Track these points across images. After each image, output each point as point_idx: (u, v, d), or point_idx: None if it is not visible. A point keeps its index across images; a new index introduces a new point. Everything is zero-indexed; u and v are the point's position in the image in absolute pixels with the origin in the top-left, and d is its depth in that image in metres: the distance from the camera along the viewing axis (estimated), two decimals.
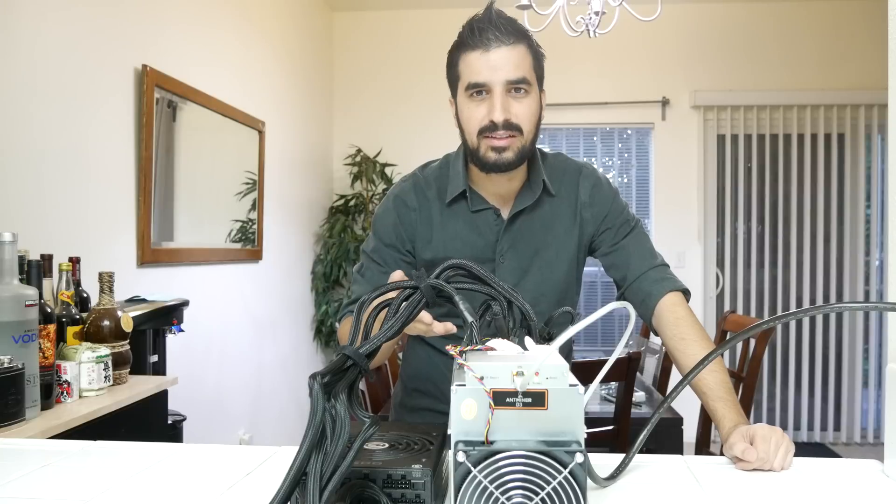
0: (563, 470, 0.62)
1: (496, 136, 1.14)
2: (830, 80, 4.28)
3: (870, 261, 4.36)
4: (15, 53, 1.83)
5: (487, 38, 1.13)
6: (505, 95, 1.13)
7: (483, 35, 1.13)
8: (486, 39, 1.13)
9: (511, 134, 1.14)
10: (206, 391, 2.83)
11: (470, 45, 1.14)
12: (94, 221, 2.15)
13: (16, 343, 1.28)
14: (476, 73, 1.13)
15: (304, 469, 0.59)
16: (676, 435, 2.25)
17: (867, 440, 4.33)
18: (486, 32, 1.13)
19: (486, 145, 1.15)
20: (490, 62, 1.12)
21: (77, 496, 0.80)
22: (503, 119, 1.13)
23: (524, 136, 1.16)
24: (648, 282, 1.24)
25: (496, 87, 1.13)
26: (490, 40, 1.12)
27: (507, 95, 1.14)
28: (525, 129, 1.15)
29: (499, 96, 1.13)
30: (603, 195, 1.29)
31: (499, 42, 1.12)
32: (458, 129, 1.22)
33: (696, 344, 1.13)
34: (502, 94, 1.13)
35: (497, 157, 1.15)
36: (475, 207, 1.25)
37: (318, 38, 4.29)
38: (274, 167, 3.51)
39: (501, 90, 1.13)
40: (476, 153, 1.17)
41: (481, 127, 1.15)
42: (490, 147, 1.15)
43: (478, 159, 1.18)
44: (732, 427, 0.97)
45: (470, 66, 1.14)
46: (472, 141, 1.17)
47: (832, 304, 0.94)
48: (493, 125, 1.13)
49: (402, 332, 0.76)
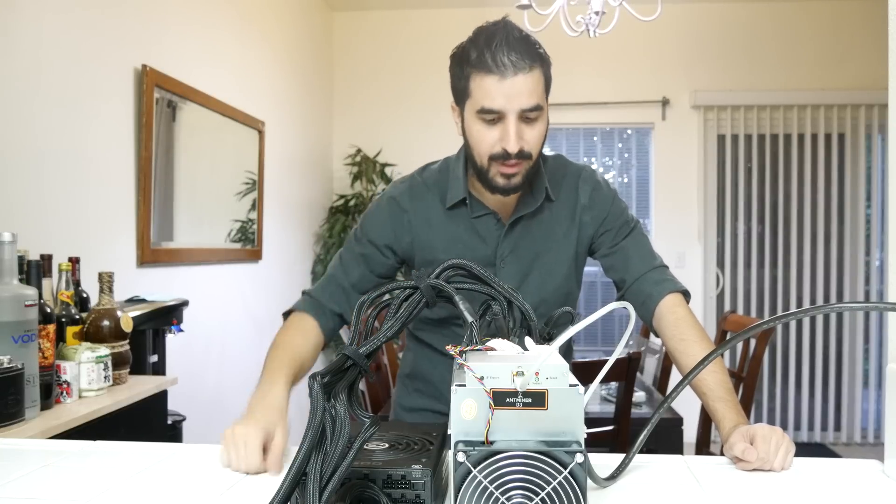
0: (564, 470, 0.62)
1: (508, 163, 1.13)
2: (830, 80, 4.28)
3: (870, 261, 4.36)
4: (15, 54, 1.83)
5: (504, 64, 1.09)
6: (518, 123, 1.12)
7: (498, 58, 1.09)
8: (503, 65, 1.09)
9: (521, 161, 1.14)
10: (205, 391, 2.83)
11: (484, 67, 1.10)
12: (94, 221, 2.15)
13: (15, 343, 1.28)
14: (491, 99, 1.10)
15: (304, 469, 0.59)
16: (676, 435, 2.25)
17: (867, 440, 4.33)
18: (502, 57, 1.09)
19: (496, 170, 1.15)
20: (505, 90, 1.09)
21: (77, 496, 0.80)
22: (517, 150, 1.12)
23: (532, 159, 1.16)
24: (649, 283, 1.24)
25: (510, 115, 1.11)
26: (506, 66, 1.09)
27: (519, 122, 1.12)
28: (534, 153, 1.15)
29: (513, 124, 1.11)
30: (602, 197, 1.29)
31: (515, 70, 1.09)
32: (463, 139, 1.20)
33: (697, 345, 1.13)
34: (516, 122, 1.11)
35: (506, 182, 1.15)
36: (475, 213, 1.25)
37: (318, 38, 4.29)
38: (274, 167, 3.51)
39: (515, 118, 1.11)
40: (485, 175, 1.17)
41: (493, 153, 1.13)
42: (500, 173, 1.15)
43: (486, 181, 1.17)
44: (732, 427, 0.97)
45: (484, 90, 1.11)
46: (481, 162, 1.16)
47: (832, 304, 0.93)
48: (506, 154, 1.12)
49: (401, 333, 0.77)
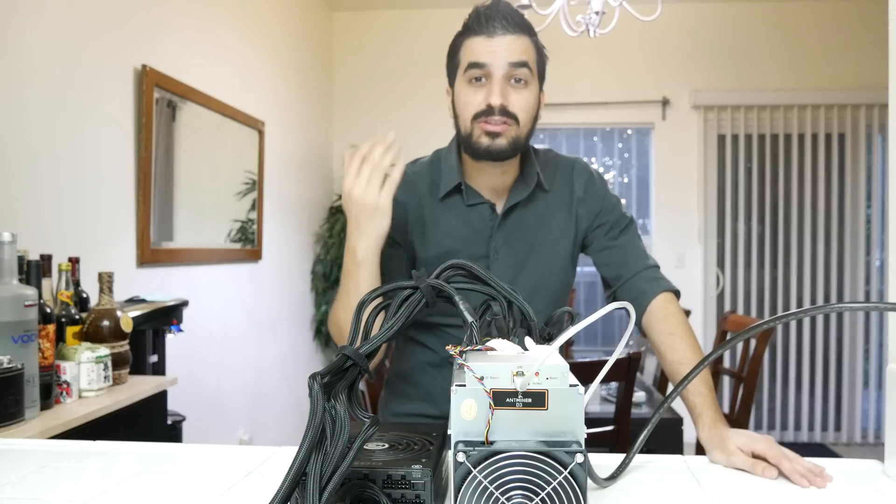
0: (564, 470, 0.61)
1: (491, 120, 1.12)
2: (831, 80, 4.28)
3: (870, 261, 4.36)
4: (15, 53, 1.83)
5: (493, 26, 1.12)
6: (504, 83, 1.13)
7: (489, 22, 1.13)
8: (492, 27, 1.12)
9: (506, 121, 1.13)
10: (205, 391, 2.83)
11: (474, 31, 1.14)
12: (94, 221, 2.15)
13: (15, 343, 1.28)
14: (477, 54, 1.13)
15: (303, 469, 0.59)
16: (676, 435, 2.25)
17: (867, 440, 4.33)
18: (492, 20, 1.12)
19: (479, 129, 1.14)
20: (492, 46, 1.12)
21: (77, 496, 0.80)
22: (500, 104, 1.12)
23: (520, 126, 1.14)
24: (643, 280, 1.23)
25: (496, 71, 1.12)
26: (496, 28, 1.12)
27: (506, 84, 1.13)
28: (521, 119, 1.14)
29: (498, 80, 1.12)
30: (596, 190, 1.29)
31: (504, 30, 1.12)
32: (453, 118, 1.20)
33: (684, 341, 1.13)
34: (502, 80, 1.12)
35: (490, 142, 1.14)
36: (470, 201, 1.23)
37: (318, 38, 4.29)
38: (274, 167, 3.51)
39: (501, 76, 1.12)
40: (469, 138, 1.16)
41: (477, 111, 1.14)
42: (484, 132, 1.13)
43: (470, 145, 1.16)
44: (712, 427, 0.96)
45: (472, 48, 1.14)
46: (465, 126, 1.16)
47: (832, 304, 0.93)
48: (490, 109, 1.12)
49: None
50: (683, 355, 1.11)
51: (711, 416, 0.98)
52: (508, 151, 1.15)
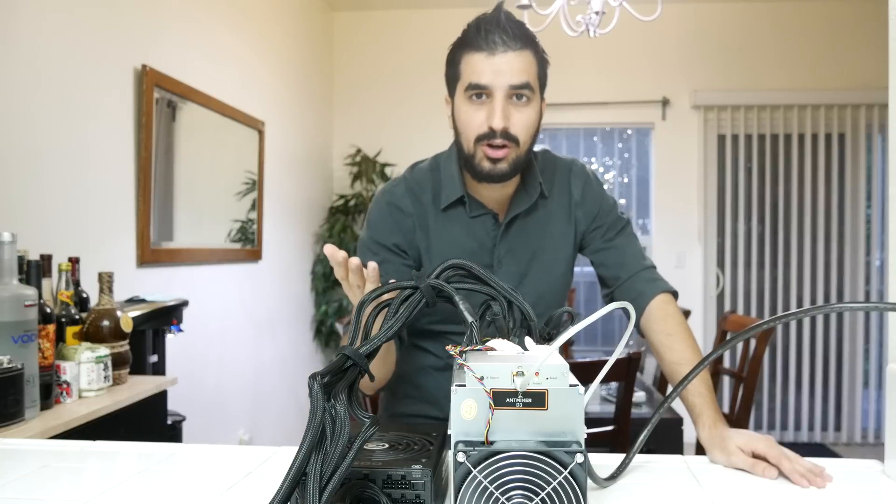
0: (564, 470, 0.61)
1: (494, 144, 1.11)
2: (830, 80, 4.28)
3: (870, 261, 4.36)
4: (15, 53, 1.83)
5: (494, 42, 1.10)
6: (506, 102, 1.11)
7: (489, 37, 1.10)
8: (493, 42, 1.10)
9: (506, 144, 1.12)
10: (205, 391, 2.83)
11: (474, 46, 1.11)
12: (94, 221, 2.15)
13: (15, 343, 1.28)
14: (478, 74, 1.10)
15: (303, 469, 0.59)
16: (676, 435, 2.25)
17: (867, 440, 4.33)
18: (492, 35, 1.10)
19: (482, 153, 1.13)
20: (494, 65, 1.10)
21: (77, 496, 0.80)
22: (502, 127, 1.10)
23: (520, 147, 1.13)
24: (641, 281, 1.23)
25: (498, 91, 1.10)
26: (496, 44, 1.10)
27: (507, 102, 1.11)
28: (521, 139, 1.13)
29: (499, 102, 1.10)
30: (593, 192, 1.29)
31: (505, 47, 1.10)
32: (453, 129, 1.19)
33: (683, 342, 1.13)
34: (503, 101, 1.10)
35: (492, 167, 1.13)
36: (473, 213, 1.23)
37: (318, 38, 4.29)
38: (274, 167, 3.51)
39: (503, 96, 1.10)
40: (471, 160, 1.15)
41: (479, 134, 1.12)
42: (486, 156, 1.13)
43: (472, 167, 1.15)
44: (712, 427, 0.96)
45: (473, 67, 1.11)
46: (468, 146, 1.15)
47: (832, 304, 0.93)
48: (492, 132, 1.11)
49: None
50: (682, 356, 1.11)
51: (711, 416, 0.99)
52: (509, 175, 1.15)
